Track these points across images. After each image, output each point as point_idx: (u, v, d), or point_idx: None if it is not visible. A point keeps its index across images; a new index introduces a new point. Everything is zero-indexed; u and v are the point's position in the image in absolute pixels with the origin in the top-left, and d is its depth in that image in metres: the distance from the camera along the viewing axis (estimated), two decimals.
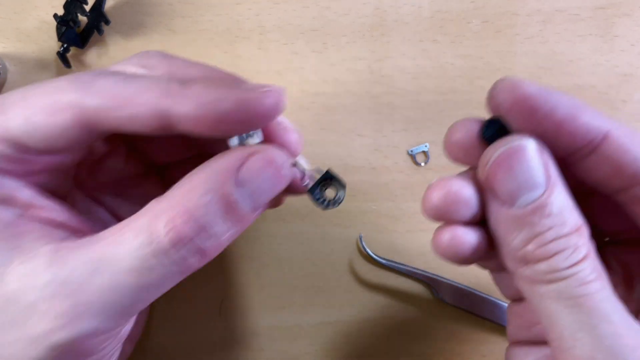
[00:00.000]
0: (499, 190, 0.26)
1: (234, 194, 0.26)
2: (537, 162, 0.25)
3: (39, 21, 0.48)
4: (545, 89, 0.27)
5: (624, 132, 0.27)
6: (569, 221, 0.25)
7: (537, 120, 0.26)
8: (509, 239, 0.26)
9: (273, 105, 0.26)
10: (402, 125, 0.47)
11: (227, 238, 0.27)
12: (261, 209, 0.28)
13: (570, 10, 0.47)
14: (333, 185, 0.30)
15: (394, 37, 0.48)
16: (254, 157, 0.27)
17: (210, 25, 0.48)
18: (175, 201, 0.25)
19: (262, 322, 0.45)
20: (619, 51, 0.47)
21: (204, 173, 0.26)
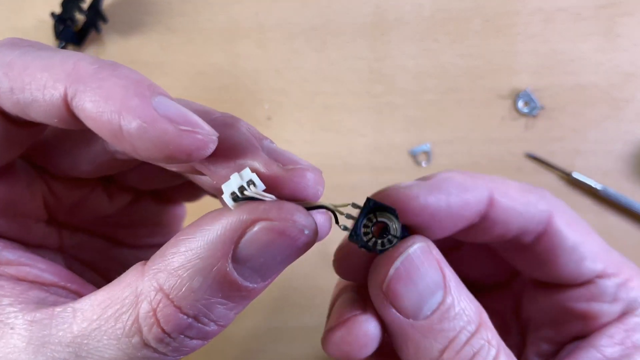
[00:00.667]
0: (403, 306, 0.25)
1: (232, 273, 0.21)
2: (432, 265, 0.25)
3: (36, 20, 0.48)
4: (431, 190, 0.27)
5: (502, 189, 0.28)
6: (473, 315, 0.25)
7: (437, 222, 0.27)
8: (421, 351, 0.25)
9: (193, 149, 0.21)
10: (403, 125, 0.47)
11: (236, 314, 0.22)
12: (276, 275, 0.23)
13: (572, 9, 0.47)
14: (382, 219, 0.23)
15: (395, 36, 0.47)
16: (258, 227, 0.21)
17: (209, 24, 0.47)
18: (158, 281, 0.21)
19: (262, 323, 0.45)
20: (622, 50, 0.47)
21: (190, 244, 0.21)
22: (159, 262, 0.21)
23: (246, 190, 0.21)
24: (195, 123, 0.21)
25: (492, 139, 0.46)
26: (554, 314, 0.31)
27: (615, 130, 0.46)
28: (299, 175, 0.22)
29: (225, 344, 0.45)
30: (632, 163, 0.45)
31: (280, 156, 0.23)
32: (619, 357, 0.28)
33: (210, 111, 0.24)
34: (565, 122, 0.46)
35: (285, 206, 0.21)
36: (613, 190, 0.45)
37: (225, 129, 0.23)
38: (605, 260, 0.30)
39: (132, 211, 0.33)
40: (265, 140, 0.23)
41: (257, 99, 0.47)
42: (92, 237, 0.33)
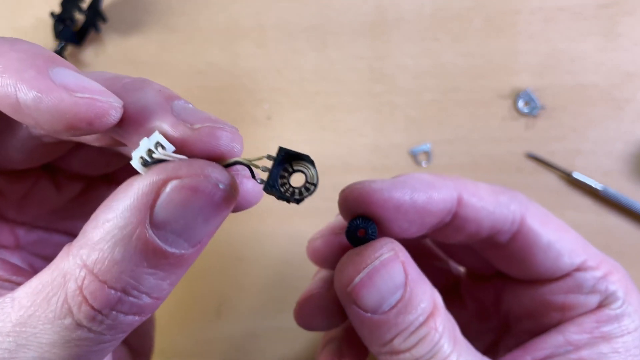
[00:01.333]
0: (364, 305, 0.27)
1: (154, 239, 0.20)
2: (397, 270, 0.27)
3: (35, 19, 0.48)
4: (395, 183, 0.28)
5: (471, 190, 0.30)
6: (426, 308, 0.27)
7: (402, 214, 0.28)
8: (374, 338, 0.28)
9: (93, 117, 0.20)
10: (403, 125, 0.47)
11: (171, 284, 0.21)
12: (206, 239, 0.22)
13: (573, 8, 0.47)
14: (297, 167, 0.22)
15: (395, 35, 0.47)
16: (170, 188, 0.20)
17: (209, 23, 0.47)
18: (82, 257, 0.20)
19: (262, 324, 0.45)
20: (622, 50, 0.46)
21: (107, 215, 0.20)
22: (81, 239, 0.21)
23: (154, 154, 0.20)
24: (94, 90, 0.20)
25: (493, 138, 0.46)
26: (533, 307, 0.32)
27: (616, 130, 0.46)
28: (208, 133, 0.21)
29: (224, 344, 0.45)
30: (632, 163, 0.45)
31: (193, 116, 0.22)
32: (584, 344, 0.29)
33: (121, 77, 0.23)
34: (565, 122, 0.46)
35: (195, 162, 0.21)
36: (613, 190, 0.45)
37: (134, 93, 0.22)
38: (583, 255, 0.31)
39: (86, 201, 0.32)
40: (179, 101, 0.22)
41: (256, 98, 0.47)
42: (50, 233, 0.32)
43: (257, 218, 0.46)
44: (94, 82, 0.21)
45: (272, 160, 0.22)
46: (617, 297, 0.30)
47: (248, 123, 0.47)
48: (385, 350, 0.28)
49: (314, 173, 0.22)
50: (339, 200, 0.30)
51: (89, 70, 0.48)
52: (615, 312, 0.29)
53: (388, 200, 0.28)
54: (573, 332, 0.30)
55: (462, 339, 0.28)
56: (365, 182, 0.29)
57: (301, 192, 0.22)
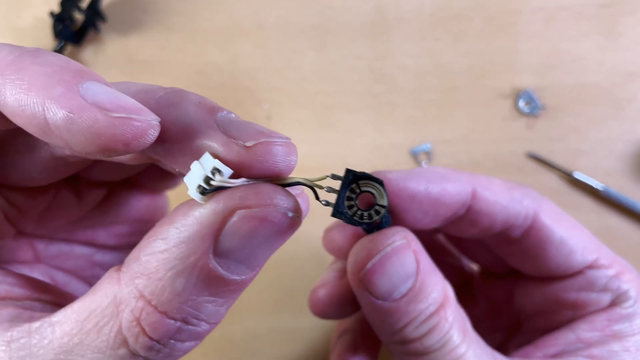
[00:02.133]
0: (375, 292, 0.27)
1: (217, 268, 0.19)
2: (409, 258, 0.27)
3: (34, 19, 0.47)
4: (410, 174, 0.29)
5: (485, 184, 0.30)
6: (437, 298, 0.27)
7: (417, 204, 0.29)
8: (385, 327, 0.28)
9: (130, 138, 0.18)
10: (403, 125, 0.46)
11: (227, 308, 0.21)
12: (265, 262, 0.21)
13: (574, 8, 0.47)
14: (365, 188, 0.21)
15: (395, 35, 0.47)
16: (238, 218, 0.19)
17: (209, 23, 0.47)
18: (137, 287, 0.19)
19: (261, 324, 0.45)
20: (623, 50, 0.46)
21: (166, 244, 0.19)
22: (135, 267, 0.19)
23: (212, 180, 0.19)
24: (130, 108, 0.19)
25: (493, 138, 0.46)
26: (544, 305, 0.32)
27: (617, 130, 0.46)
28: (264, 151, 0.20)
29: (224, 345, 0.44)
30: (633, 163, 0.45)
31: (242, 130, 0.20)
32: (595, 342, 0.29)
33: (153, 90, 0.21)
34: (566, 121, 0.46)
35: (262, 190, 0.19)
36: (614, 190, 0.45)
37: (171, 109, 0.20)
38: (596, 252, 0.31)
39: (107, 209, 0.31)
40: (221, 113, 0.21)
41: (256, 98, 0.47)
42: (71, 245, 0.31)
43: None
44: (128, 98, 0.19)
45: (338, 179, 0.21)
46: (629, 297, 0.30)
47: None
48: (396, 339, 0.28)
49: (384, 194, 0.21)
50: None
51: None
52: (627, 311, 0.29)
53: (403, 190, 0.28)
54: (584, 330, 0.30)
55: (472, 332, 0.28)
56: (381, 172, 0.29)
57: (371, 215, 0.21)
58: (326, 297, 0.33)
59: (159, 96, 0.21)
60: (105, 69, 0.48)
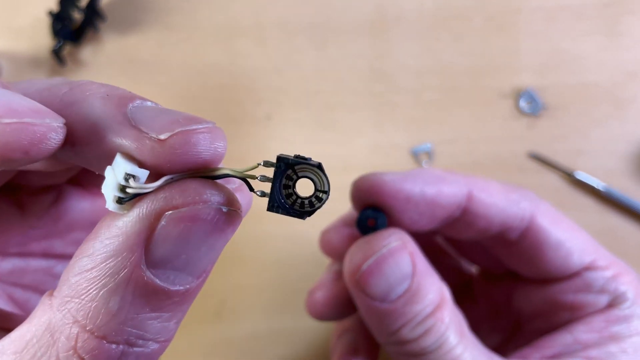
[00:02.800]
0: (371, 293, 0.28)
1: (154, 280, 0.17)
2: (405, 260, 0.28)
3: (32, 18, 0.47)
4: (406, 176, 0.29)
5: (481, 186, 0.30)
6: (434, 299, 0.27)
7: (412, 206, 0.29)
8: (382, 328, 0.28)
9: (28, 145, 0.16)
10: (404, 125, 0.46)
11: (177, 322, 0.19)
12: (211, 266, 0.19)
13: (575, 7, 0.47)
14: (303, 173, 0.19)
15: (396, 34, 0.47)
16: (166, 221, 0.17)
17: (208, 22, 0.47)
18: (70, 312, 0.17)
19: (263, 325, 0.45)
20: (625, 49, 0.46)
21: (93, 261, 0.17)
22: (65, 290, 0.17)
23: (128, 188, 0.17)
24: (24, 111, 0.16)
25: (494, 138, 0.46)
26: (543, 306, 0.32)
27: (618, 130, 0.45)
28: (181, 142, 0.17)
29: (224, 346, 0.44)
30: (635, 163, 0.45)
31: (157, 120, 0.18)
32: (593, 344, 0.29)
33: (57, 86, 0.19)
34: (567, 121, 0.46)
35: (189, 186, 0.17)
36: (616, 190, 0.44)
37: (77, 106, 0.18)
38: (594, 254, 0.31)
39: (59, 216, 0.28)
40: (133, 103, 0.18)
41: (256, 98, 0.47)
42: (26, 259, 0.28)
43: (256, 219, 0.45)
44: (23, 100, 0.17)
45: (272, 167, 0.19)
46: (627, 298, 0.30)
47: (248, 123, 0.46)
48: (392, 340, 0.28)
49: (323, 179, 0.19)
50: (351, 190, 0.30)
51: (87, 69, 0.47)
52: (624, 312, 0.29)
53: (399, 191, 0.29)
54: (582, 332, 0.30)
55: (469, 334, 0.28)
56: (377, 174, 0.29)
57: (312, 202, 0.19)
58: (323, 299, 0.33)
59: (63, 93, 0.18)
60: (104, 69, 0.48)
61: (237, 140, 0.46)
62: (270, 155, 0.19)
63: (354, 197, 0.30)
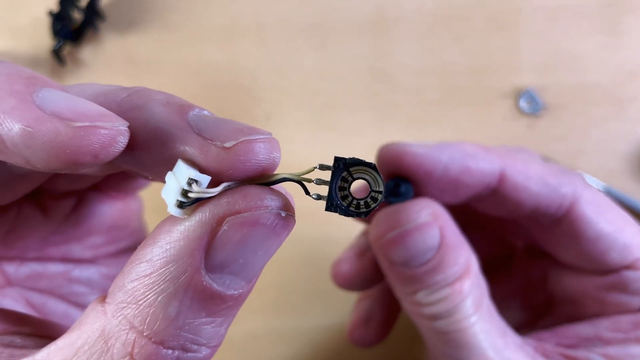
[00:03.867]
0: (393, 260, 0.28)
1: (212, 285, 0.17)
2: (434, 234, 0.27)
3: (32, 18, 0.47)
4: (433, 149, 0.28)
5: (518, 167, 0.29)
6: (458, 270, 0.27)
7: (434, 182, 0.28)
8: (399, 287, 0.28)
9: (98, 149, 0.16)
10: (404, 124, 0.46)
11: (227, 327, 0.19)
12: (261, 270, 0.20)
13: (575, 7, 0.47)
14: (358, 175, 0.19)
15: (396, 34, 0.47)
16: (228, 226, 0.17)
17: (208, 21, 0.47)
18: (127, 317, 0.17)
19: (261, 325, 0.45)
20: (625, 49, 0.46)
21: (151, 266, 0.17)
22: (120, 296, 0.17)
23: (191, 193, 0.17)
24: (94, 115, 0.17)
25: (494, 138, 0.46)
26: (574, 294, 0.31)
27: (619, 130, 0.45)
28: (245, 151, 0.18)
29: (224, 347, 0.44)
30: (635, 163, 0.45)
31: (219, 128, 0.18)
32: (614, 341, 0.28)
33: (114, 91, 0.19)
34: (567, 121, 0.46)
35: (250, 192, 0.18)
36: (616, 190, 0.44)
37: (137, 112, 0.18)
38: (638, 253, 0.29)
39: (78, 220, 0.29)
40: (192, 111, 0.19)
41: (256, 98, 0.47)
42: (44, 264, 0.28)
43: None
44: (90, 104, 0.17)
45: (327, 170, 0.19)
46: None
47: (247, 122, 0.46)
48: (408, 300, 0.28)
49: (378, 179, 0.19)
50: (377, 158, 0.30)
51: (87, 69, 0.47)
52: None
53: (420, 165, 0.28)
54: (606, 329, 0.29)
55: (487, 306, 0.28)
56: (403, 143, 0.29)
57: (367, 203, 0.19)
58: (347, 271, 0.33)
59: (122, 98, 0.19)
60: (104, 69, 0.48)
61: None
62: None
63: (380, 164, 0.30)
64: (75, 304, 0.28)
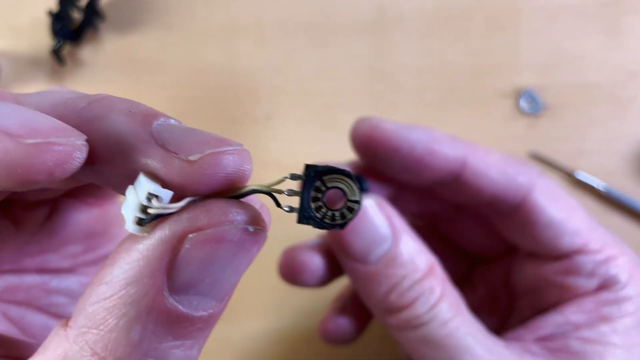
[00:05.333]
0: (351, 251, 0.28)
1: (177, 307, 0.16)
2: (380, 219, 0.28)
3: (31, 18, 0.47)
4: (403, 127, 0.30)
5: (480, 156, 0.30)
6: (420, 265, 0.28)
7: (399, 159, 0.29)
8: (370, 294, 0.28)
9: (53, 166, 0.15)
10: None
11: (199, 349, 0.18)
12: (234, 288, 0.18)
13: (576, 7, 0.47)
14: (332, 184, 0.18)
15: (396, 34, 0.47)
16: (190, 244, 0.16)
17: (208, 21, 0.47)
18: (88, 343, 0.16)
19: (262, 325, 0.45)
20: (626, 49, 0.46)
21: (111, 289, 0.16)
22: (81, 320, 0.16)
23: (150, 208, 0.16)
24: (47, 130, 0.15)
25: (495, 138, 0.46)
26: (534, 282, 0.33)
27: (619, 130, 0.45)
28: (212, 164, 0.16)
29: (223, 347, 0.44)
30: (635, 163, 0.45)
31: (184, 139, 0.17)
32: (583, 324, 0.29)
33: (74, 101, 0.18)
34: (568, 121, 0.46)
35: (213, 206, 0.16)
36: (616, 190, 0.44)
37: (97, 123, 0.17)
38: (587, 237, 0.30)
39: (53, 230, 0.27)
40: (157, 121, 0.17)
41: (256, 97, 0.47)
42: (20, 276, 0.27)
43: None
44: (43, 117, 0.16)
45: (299, 179, 0.18)
46: (618, 281, 0.30)
47: (247, 123, 0.46)
48: (383, 308, 0.28)
49: (354, 188, 0.18)
50: (351, 131, 0.32)
51: (87, 69, 0.47)
52: (615, 294, 0.29)
53: (388, 140, 0.29)
54: (572, 312, 0.30)
55: (468, 313, 0.28)
56: (377, 119, 0.30)
57: (343, 214, 0.18)
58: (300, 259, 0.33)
59: (81, 108, 0.17)
60: (103, 69, 0.48)
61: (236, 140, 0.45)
62: (270, 155, 0.19)
63: (352, 138, 0.31)
64: (55, 315, 0.27)
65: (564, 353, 0.28)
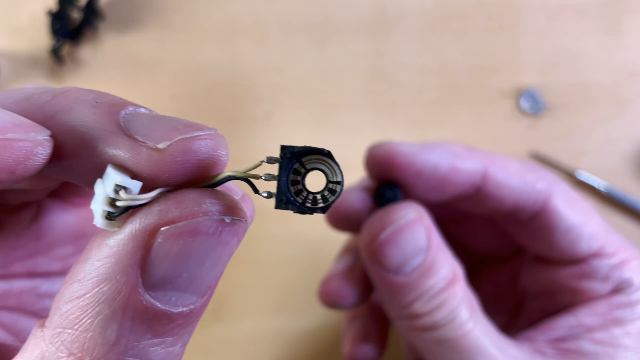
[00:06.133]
0: (387, 264, 0.28)
1: (154, 304, 0.16)
2: (420, 232, 0.28)
3: (30, 17, 0.47)
4: (422, 149, 0.29)
5: (499, 166, 0.30)
6: (447, 275, 0.28)
7: (423, 180, 0.29)
8: (395, 301, 0.28)
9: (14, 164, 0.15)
10: (404, 124, 0.46)
11: (183, 346, 0.17)
12: (216, 282, 0.17)
13: (577, 6, 0.47)
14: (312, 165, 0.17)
15: (396, 33, 0.47)
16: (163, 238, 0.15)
17: (207, 21, 0.47)
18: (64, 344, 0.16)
19: (262, 325, 0.44)
20: (626, 48, 0.46)
21: (83, 287, 0.15)
22: (57, 320, 0.16)
23: (118, 201, 0.15)
24: (7, 126, 0.15)
25: (495, 138, 0.46)
26: (547, 286, 0.33)
27: (620, 130, 0.45)
28: (182, 150, 0.16)
29: (223, 347, 0.44)
30: (636, 163, 0.45)
31: (153, 127, 0.16)
32: (596, 327, 0.29)
33: (39, 95, 0.17)
34: (568, 121, 0.46)
35: (186, 197, 0.15)
36: (617, 190, 0.44)
37: (63, 116, 0.16)
38: (602, 241, 0.31)
39: (40, 232, 0.26)
40: (126, 110, 0.16)
41: (256, 97, 0.46)
42: (8, 281, 0.26)
43: (256, 218, 0.45)
44: (3, 113, 0.15)
45: (277, 162, 0.17)
46: (632, 284, 0.30)
47: (247, 122, 0.46)
48: (405, 314, 0.28)
49: (335, 168, 0.17)
50: (365, 158, 0.31)
51: (86, 69, 0.47)
52: (628, 298, 0.30)
53: (410, 164, 0.29)
54: (585, 315, 0.30)
55: (481, 312, 0.29)
56: (392, 143, 0.30)
57: (325, 197, 0.17)
58: (337, 286, 0.32)
59: (45, 102, 0.17)
60: (102, 68, 0.47)
61: (236, 140, 0.45)
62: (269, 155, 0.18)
63: (368, 165, 0.31)
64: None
65: (576, 354, 0.29)
